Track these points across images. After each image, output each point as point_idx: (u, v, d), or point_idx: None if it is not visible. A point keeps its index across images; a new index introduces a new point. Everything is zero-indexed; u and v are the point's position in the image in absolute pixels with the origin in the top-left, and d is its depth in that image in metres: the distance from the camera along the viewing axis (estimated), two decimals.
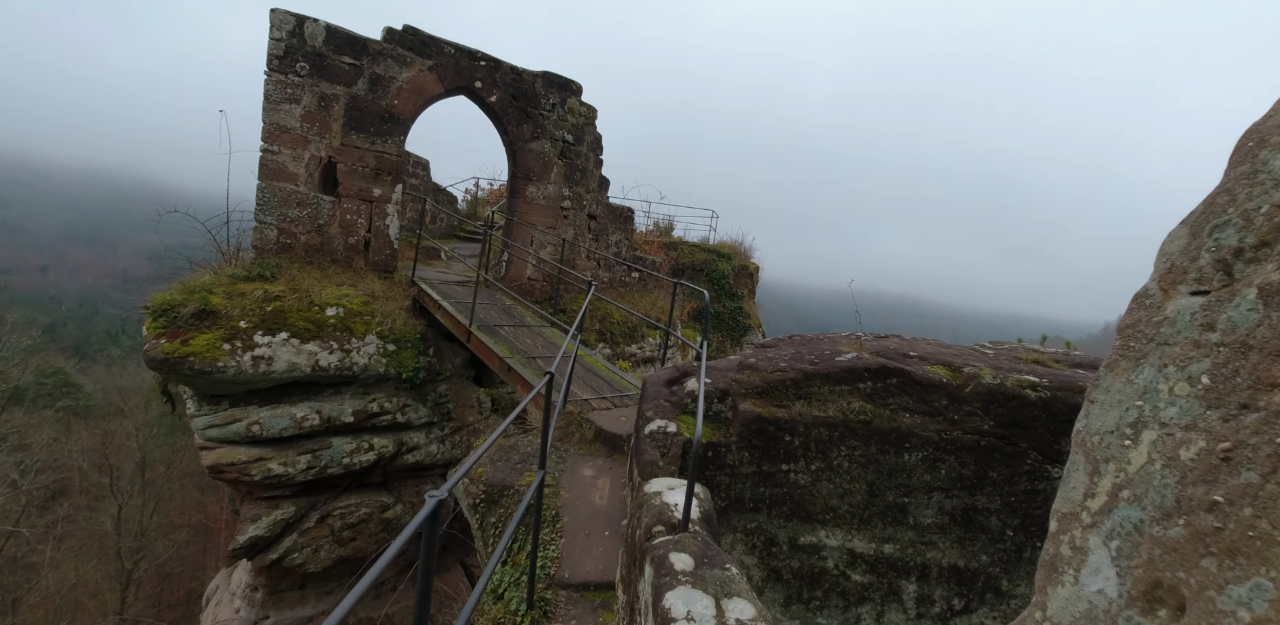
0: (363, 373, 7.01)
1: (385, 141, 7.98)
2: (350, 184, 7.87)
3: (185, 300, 6.19)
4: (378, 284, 7.86)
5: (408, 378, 7.37)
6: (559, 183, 9.22)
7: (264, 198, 7.45)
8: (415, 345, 7.53)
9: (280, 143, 7.43)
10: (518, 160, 8.84)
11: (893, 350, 4.61)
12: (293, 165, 7.53)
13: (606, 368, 6.28)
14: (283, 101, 7.37)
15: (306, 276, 7.32)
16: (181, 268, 7.65)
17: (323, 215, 7.78)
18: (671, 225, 17.23)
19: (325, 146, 7.66)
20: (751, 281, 17.02)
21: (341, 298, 7.18)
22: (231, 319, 6.33)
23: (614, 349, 9.40)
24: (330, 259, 7.86)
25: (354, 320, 7.10)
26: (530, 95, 8.76)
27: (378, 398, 7.28)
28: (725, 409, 3.96)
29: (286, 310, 6.66)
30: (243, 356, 6.15)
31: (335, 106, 7.63)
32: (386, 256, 8.26)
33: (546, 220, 9.18)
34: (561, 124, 9.09)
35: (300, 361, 6.51)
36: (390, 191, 8.14)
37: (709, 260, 15.61)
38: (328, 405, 6.89)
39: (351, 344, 6.95)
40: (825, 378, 3.99)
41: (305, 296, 6.93)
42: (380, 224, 8.14)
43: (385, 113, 7.90)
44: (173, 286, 6.45)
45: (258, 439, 6.39)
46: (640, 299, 10.43)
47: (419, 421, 7.60)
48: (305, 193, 7.64)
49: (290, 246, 7.63)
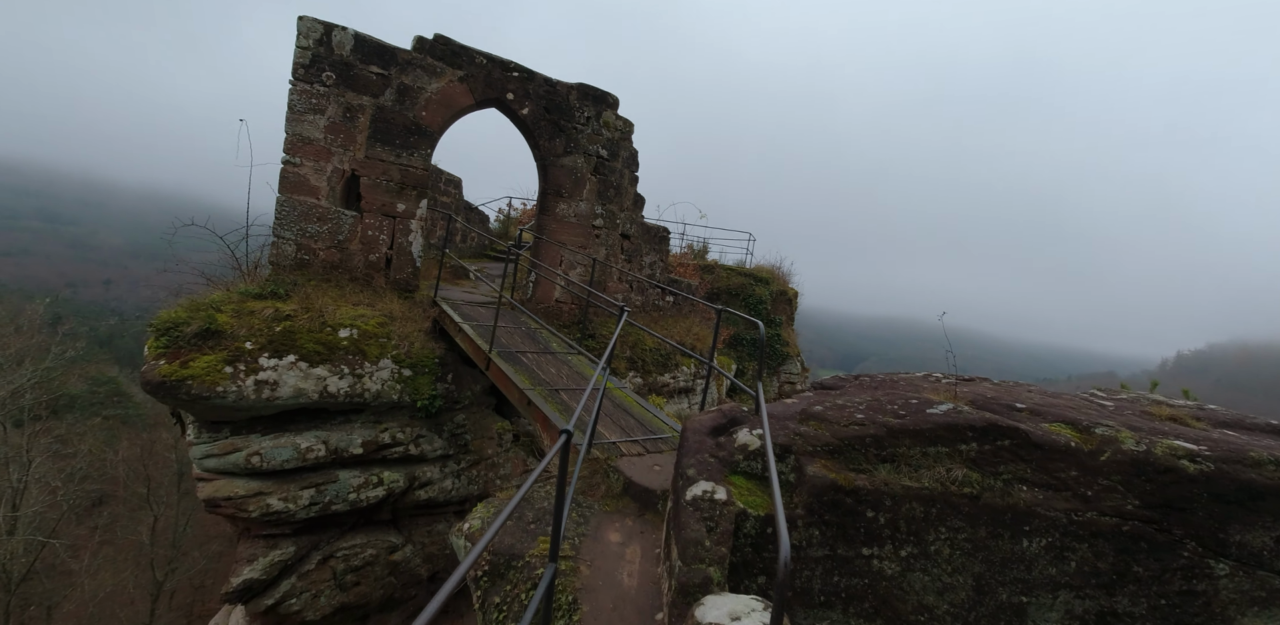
0: (375, 400, 6.45)
1: (412, 154, 7.58)
2: (373, 198, 7.47)
3: (189, 318, 5.76)
4: (397, 304, 7.37)
5: (423, 406, 6.78)
6: (591, 200, 8.69)
7: (283, 212, 7.09)
8: (433, 370, 6.97)
9: (302, 154, 7.09)
10: (549, 176, 8.35)
11: (993, 400, 3.78)
12: (314, 178, 7.18)
13: (638, 403, 5.57)
14: (307, 112, 7.05)
15: (322, 295, 6.87)
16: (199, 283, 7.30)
17: (343, 231, 7.37)
18: (706, 247, 16.59)
19: (349, 159, 7.29)
20: (790, 307, 16.16)
21: (357, 318, 6.69)
22: (237, 339, 5.87)
23: (645, 378, 8.68)
24: (349, 277, 7.42)
25: (368, 342, 6.58)
26: (564, 108, 8.31)
27: (390, 427, 6.70)
28: (787, 471, 3.20)
29: (297, 331, 6.19)
30: (245, 381, 5.65)
31: (361, 118, 7.29)
32: (408, 275, 7.79)
33: (577, 239, 8.62)
34: (596, 138, 8.59)
35: (307, 387, 5.99)
36: (414, 207, 7.71)
37: (746, 284, 14.85)
38: (336, 435, 6.34)
39: (364, 368, 6.41)
40: (917, 436, 3.21)
41: (318, 316, 6.46)
42: (403, 241, 7.70)
43: (413, 125, 7.52)
44: (180, 303, 6.05)
45: (257, 471, 5.85)
46: (674, 325, 9.74)
47: (433, 454, 6.98)
48: (326, 207, 7.25)
49: (308, 263, 7.22)
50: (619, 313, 4.09)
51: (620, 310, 4.08)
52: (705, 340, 9.98)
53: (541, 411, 4.97)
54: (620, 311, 4.07)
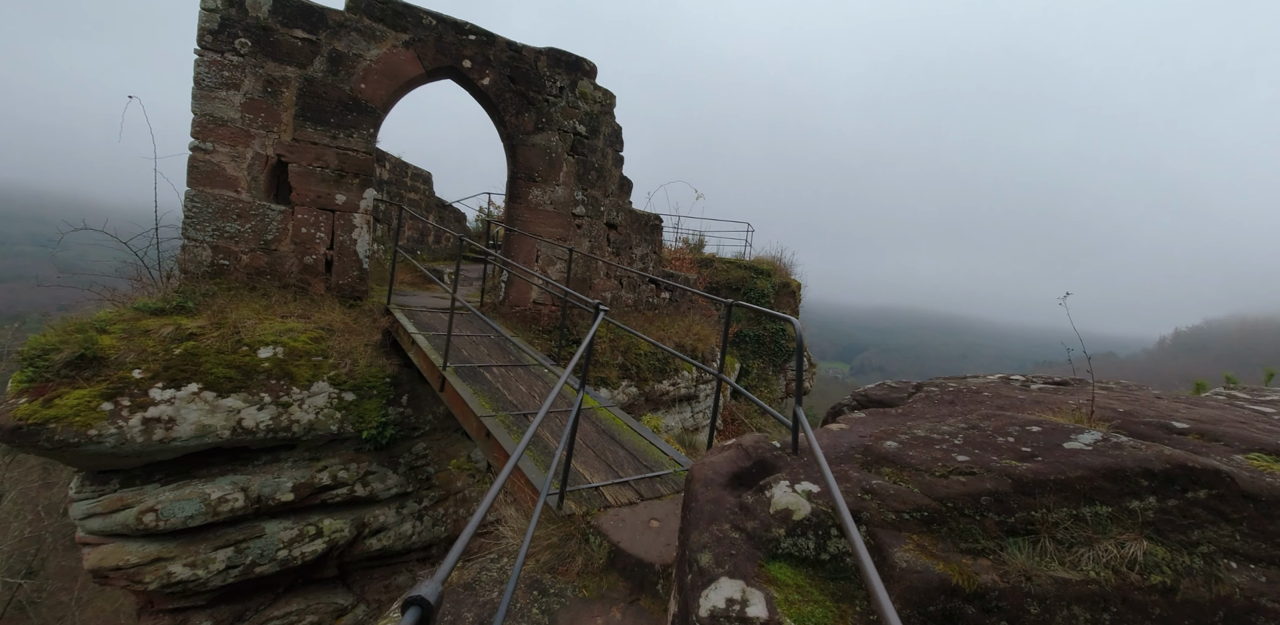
0: (307, 433, 5.25)
1: (350, 135, 6.38)
2: (306, 189, 6.27)
3: (61, 343, 4.55)
4: (339, 314, 6.17)
5: (370, 437, 5.58)
6: (569, 184, 7.49)
7: (195, 209, 5.89)
8: (382, 392, 5.77)
9: (215, 138, 5.89)
10: (518, 157, 7.16)
11: (1137, 419, 2.60)
12: (231, 167, 5.98)
13: (628, 426, 4.38)
14: (218, 87, 5.85)
15: (241, 307, 5.67)
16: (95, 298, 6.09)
17: (270, 229, 6.17)
18: (703, 240, 15.41)
19: (273, 143, 6.09)
20: (794, 300, 14.99)
21: (283, 334, 5.49)
22: (123, 367, 4.67)
23: (641, 387, 7.49)
24: (279, 284, 6.22)
25: (297, 363, 5.38)
26: (532, 77, 7.12)
27: (330, 465, 5.50)
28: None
29: (203, 352, 4.98)
30: (129, 420, 4.45)
31: (285, 92, 6.09)
32: (353, 279, 6.59)
33: (555, 230, 7.43)
34: (571, 112, 7.41)
35: (214, 423, 4.79)
36: (357, 198, 6.52)
37: (746, 278, 13.70)
38: (259, 479, 5.13)
39: (292, 395, 5.21)
40: (1062, 490, 2.04)
41: (232, 333, 5.26)
42: (345, 238, 6.50)
43: (349, 99, 6.33)
44: (52, 324, 4.84)
45: (154, 532, 4.64)
46: (672, 324, 8.56)
47: (386, 494, 5.77)
48: (248, 201, 6.05)
49: (228, 269, 6.02)
50: (594, 313, 2.91)
51: (595, 309, 2.90)
52: (707, 340, 8.80)
53: (500, 445, 3.77)
54: (595, 311, 2.89)
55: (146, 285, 5.83)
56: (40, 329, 4.95)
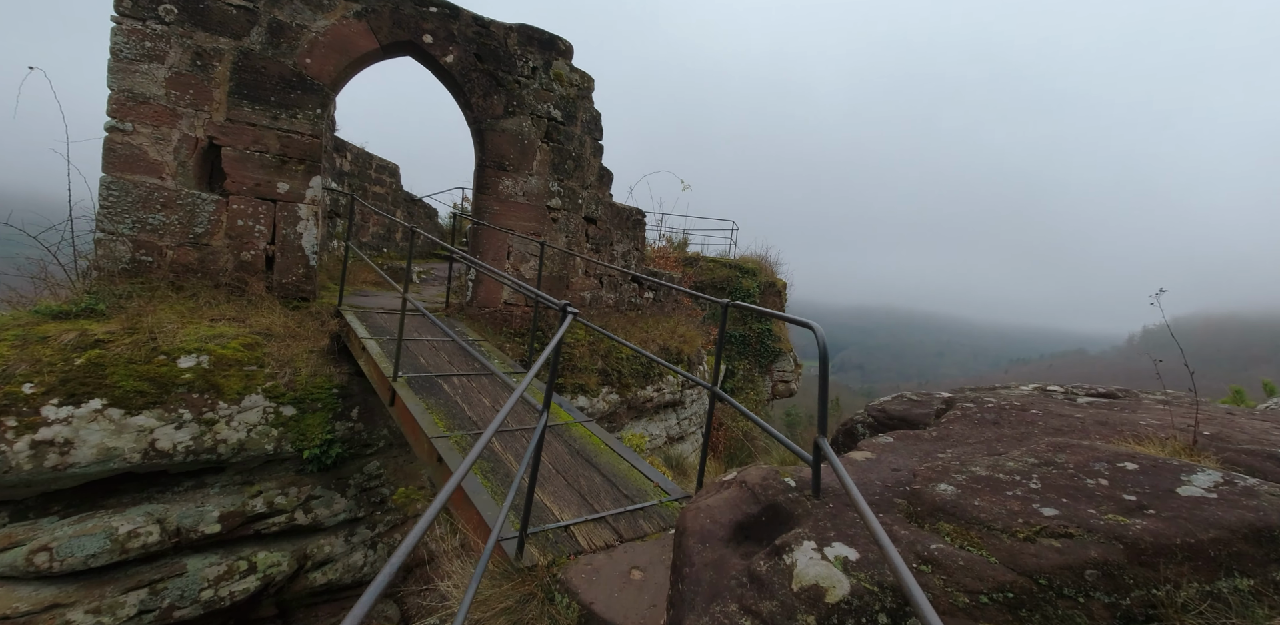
0: (235, 455, 4.57)
1: (294, 116, 5.69)
2: (242, 176, 5.57)
3: None
4: (280, 317, 5.48)
5: (313, 457, 4.91)
6: (544, 174, 6.88)
7: (112, 198, 5.16)
8: (329, 405, 5.10)
9: (136, 118, 5.17)
10: (486, 143, 6.52)
11: (1243, 448, 2.10)
12: (155, 150, 5.26)
13: (606, 446, 3.79)
14: (139, 59, 5.13)
15: (162, 309, 4.96)
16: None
17: (201, 221, 5.46)
18: (687, 238, 14.89)
19: (204, 123, 5.38)
20: (780, 299, 14.56)
21: (210, 340, 4.79)
22: (10, 381, 3.95)
23: (623, 394, 6.90)
24: (212, 283, 5.51)
25: (226, 373, 4.69)
26: (501, 56, 6.49)
27: (265, 490, 4.82)
28: None
29: (109, 363, 4.27)
30: (14, 443, 3.74)
31: (218, 66, 5.38)
32: (298, 278, 5.89)
33: (528, 224, 6.80)
34: (545, 95, 6.79)
35: (121, 445, 4.09)
36: (303, 186, 5.82)
37: (732, 277, 13.23)
38: (178, 508, 4.44)
39: (218, 410, 4.52)
40: (1190, 557, 1.51)
41: (148, 340, 4.55)
42: (289, 232, 5.80)
43: (293, 76, 5.63)
44: None
45: (49, 575, 3.93)
46: (656, 325, 7.99)
47: (333, 520, 5.11)
48: (174, 189, 5.34)
49: (150, 266, 5.30)
50: (561, 314, 2.32)
51: (562, 311, 2.31)
52: (693, 342, 8.25)
53: (450, 469, 3.16)
54: (562, 312, 2.30)
55: (54, 285, 5.08)
56: None
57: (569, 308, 2.31)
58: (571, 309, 2.28)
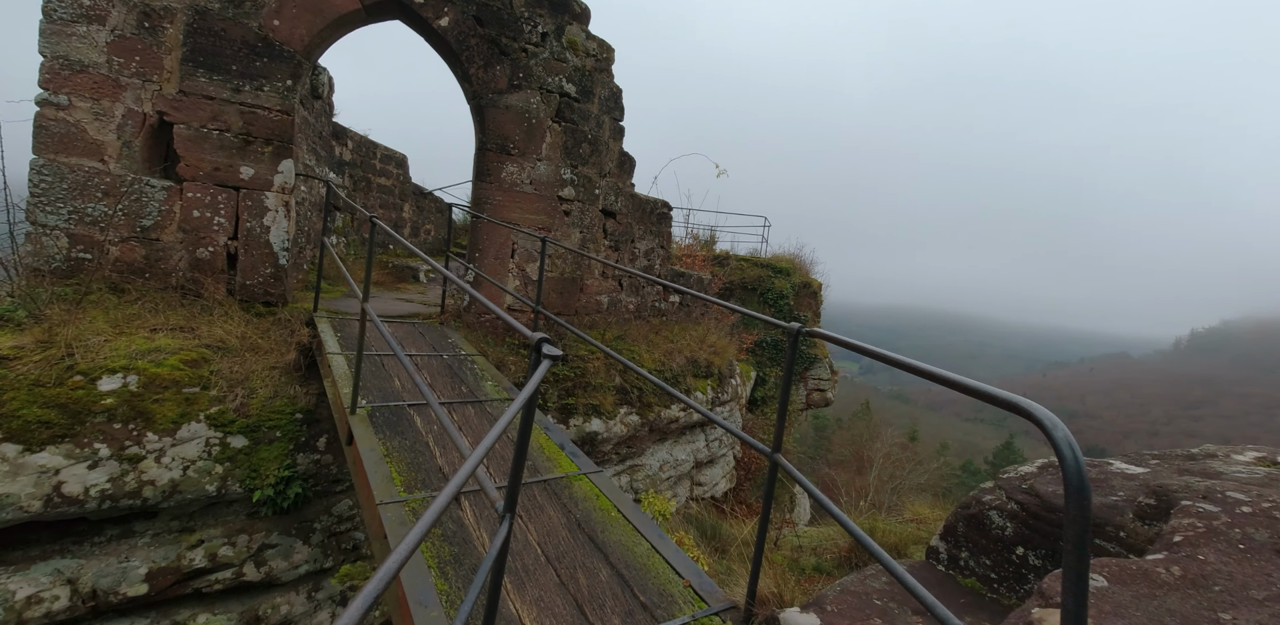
0: (167, 499, 3.70)
1: (260, 88, 4.82)
2: (198, 159, 4.72)
3: None
4: (238, 326, 4.62)
5: (265, 499, 4.03)
6: (555, 159, 5.90)
7: (45, 184, 4.35)
8: (290, 434, 4.22)
9: (73, 90, 4.34)
10: (487, 123, 5.57)
11: None
12: (95, 128, 4.43)
13: (617, 512, 2.80)
14: (75, 20, 4.30)
15: (92, 318, 4.12)
16: None
17: (150, 212, 4.62)
18: (714, 236, 13.83)
19: (152, 96, 4.54)
20: (815, 302, 13.41)
21: (143, 355, 3.94)
22: None
23: (644, 415, 5.91)
24: (162, 285, 4.68)
25: (159, 397, 3.82)
26: (505, 19, 5.53)
27: (207, 539, 3.95)
28: None
29: (8, 386, 3.44)
30: None
31: (169, 28, 4.53)
32: (265, 278, 5.03)
33: (536, 217, 5.84)
34: (557, 66, 5.81)
35: (15, 490, 3.25)
36: (271, 171, 4.95)
37: (764, 277, 12.14)
38: (96, 565, 3.59)
39: (145, 443, 3.66)
40: None
41: (64, 356, 3.71)
42: (254, 225, 4.94)
43: (258, 40, 4.76)
44: None
45: None
46: (683, 334, 6.96)
47: (292, 574, 4.22)
48: (118, 174, 4.51)
49: (88, 264, 4.48)
50: (533, 353, 1.32)
51: (535, 350, 1.32)
52: (724, 353, 7.20)
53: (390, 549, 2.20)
54: (535, 353, 1.32)
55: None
56: None
57: (545, 344, 1.33)
58: (550, 351, 1.29)
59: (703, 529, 5.30)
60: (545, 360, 1.26)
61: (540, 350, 1.31)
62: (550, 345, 1.33)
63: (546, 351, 1.28)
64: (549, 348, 1.30)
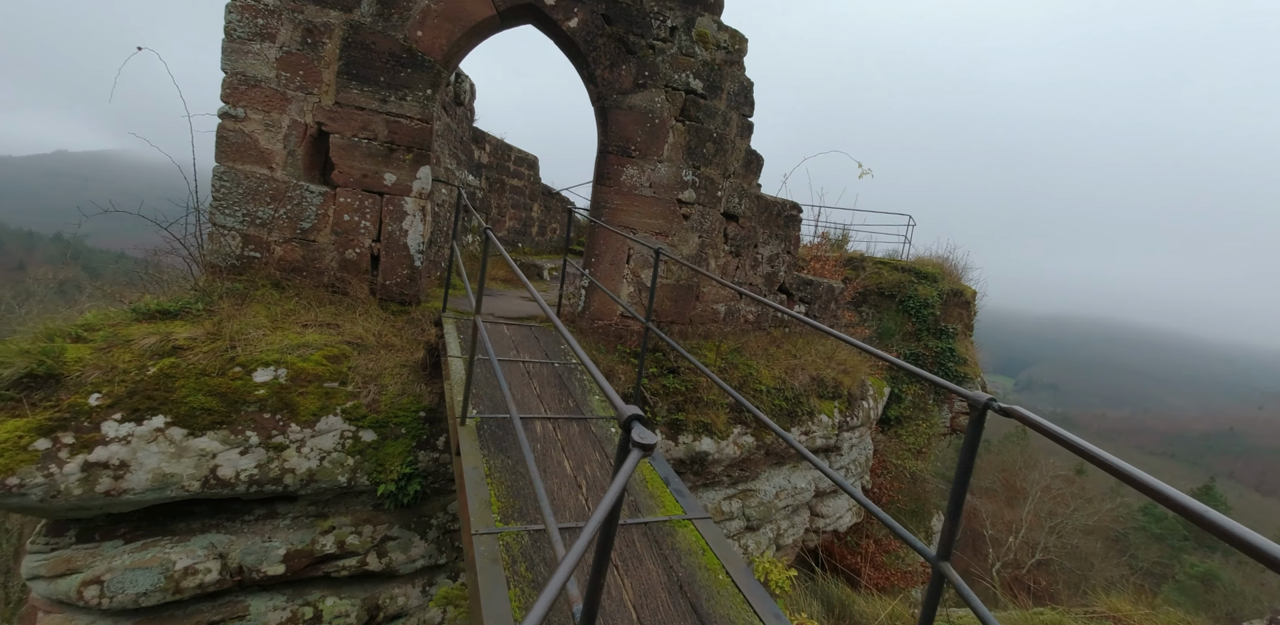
0: (304, 486, 3.97)
1: (404, 98, 5.05)
2: (349, 166, 5.05)
3: (17, 355, 3.61)
4: (376, 324, 4.89)
5: (389, 493, 4.19)
6: (676, 160, 5.61)
7: (224, 189, 4.89)
8: (413, 431, 4.37)
9: (248, 103, 4.83)
10: (609, 124, 5.42)
11: None
12: (265, 138, 4.89)
13: (724, 573, 2.44)
14: (251, 38, 4.76)
15: (256, 312, 4.55)
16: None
17: (308, 215, 5.03)
18: (846, 235, 12.79)
19: (313, 107, 4.92)
20: (967, 312, 11.88)
21: (292, 350, 4.26)
22: (80, 389, 3.65)
23: (760, 437, 5.46)
24: (315, 282, 5.08)
25: (303, 390, 4.11)
26: (634, 15, 5.32)
27: (338, 526, 4.20)
28: None
29: (180, 374, 3.86)
30: (66, 464, 3.39)
31: (328, 43, 4.87)
32: (402, 279, 5.29)
33: (653, 221, 5.60)
34: (684, 62, 5.50)
35: (179, 470, 3.63)
36: (410, 178, 5.18)
37: (904, 282, 10.95)
38: (243, 542, 3.94)
39: (289, 433, 3.95)
40: None
41: (227, 348, 4.10)
42: (394, 229, 5.21)
43: (403, 51, 4.97)
44: (27, 330, 3.97)
45: (98, 609, 3.58)
46: (807, 348, 6.38)
47: (409, 567, 4.38)
48: (283, 180, 4.95)
49: (256, 262, 4.97)
50: (623, 439, 1.02)
51: (625, 428, 1.02)
52: (855, 372, 6.49)
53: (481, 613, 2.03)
54: (624, 434, 1.01)
55: (164, 281, 4.95)
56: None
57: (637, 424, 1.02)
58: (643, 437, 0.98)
59: (828, 603, 4.68)
60: (635, 451, 0.95)
61: (630, 431, 1.00)
62: (644, 425, 1.02)
63: (638, 438, 0.97)
64: (641, 431, 0.99)
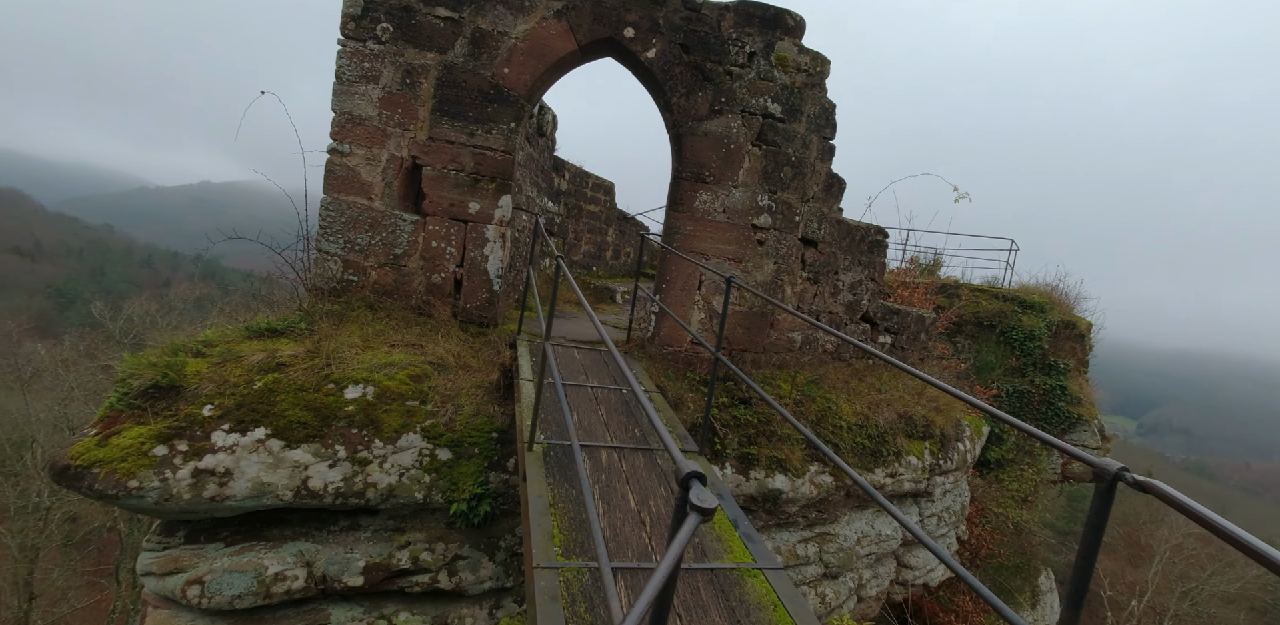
0: (384, 501, 4.13)
1: (489, 131, 5.31)
2: (439, 196, 5.35)
3: (146, 368, 4.04)
4: (456, 345, 5.08)
5: (460, 512, 4.27)
6: (751, 185, 5.52)
7: (329, 218, 5.32)
8: (485, 452, 4.46)
9: (352, 139, 5.25)
10: (684, 151, 5.43)
11: None
12: (366, 171, 5.29)
13: None
14: (357, 81, 5.21)
15: (349, 332, 4.85)
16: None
17: (401, 242, 5.36)
18: (938, 260, 12.06)
19: (409, 142, 5.28)
20: (1081, 347, 10.79)
21: (380, 369, 4.49)
22: (196, 401, 4.01)
23: (840, 477, 5.12)
24: (404, 305, 5.37)
25: (387, 408, 4.31)
26: (711, 43, 5.35)
27: (413, 542, 4.32)
28: None
29: (281, 389, 4.16)
30: (179, 470, 3.71)
31: (424, 83, 5.24)
32: (482, 303, 5.49)
33: (726, 247, 5.50)
34: (762, 86, 5.44)
35: (275, 480, 3.87)
36: (492, 206, 5.41)
37: (1006, 312, 10.09)
38: (328, 552, 4.13)
39: (373, 449, 4.14)
40: None
41: (323, 366, 4.39)
42: (476, 254, 5.44)
43: (490, 88, 5.26)
44: (156, 344, 4.45)
45: (198, 608, 3.85)
46: (894, 382, 5.97)
47: (477, 588, 4.42)
48: (380, 210, 5.32)
49: (354, 285, 5.33)
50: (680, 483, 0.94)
51: (683, 482, 0.94)
52: (949, 410, 5.99)
53: None
54: (683, 486, 0.93)
55: (275, 302, 5.40)
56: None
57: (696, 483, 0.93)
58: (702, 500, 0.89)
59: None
60: (693, 516, 0.86)
61: (688, 490, 0.92)
62: (701, 484, 0.93)
63: (697, 501, 0.88)
64: (701, 493, 0.90)
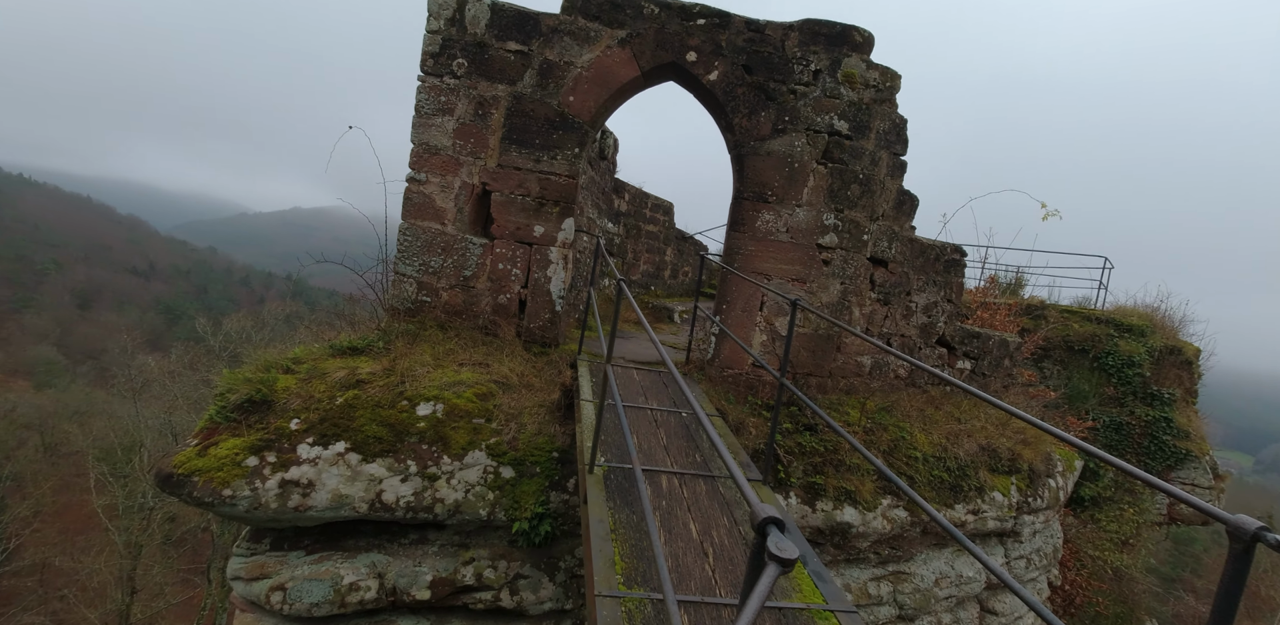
0: (450, 516, 4.24)
1: (554, 157, 5.49)
2: (506, 220, 5.56)
3: (242, 383, 4.38)
4: (519, 364, 5.20)
5: (522, 531, 4.32)
6: (816, 204, 5.40)
7: (406, 242, 5.62)
8: (546, 471, 4.51)
9: (429, 168, 5.56)
10: (746, 171, 5.40)
11: None
12: (440, 198, 5.57)
13: None
14: (434, 113, 5.52)
15: (422, 350, 5.07)
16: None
17: (470, 264, 5.59)
18: (1021, 279, 11.34)
19: (479, 170, 5.53)
20: (1189, 374, 9.79)
21: (449, 386, 4.66)
22: (285, 414, 4.29)
23: (915, 513, 4.81)
24: (473, 325, 5.57)
25: (455, 425, 4.45)
26: (775, 63, 5.33)
27: (477, 558, 4.40)
28: None
29: (360, 404, 4.38)
30: (268, 480, 3.96)
31: (495, 113, 5.49)
32: (544, 323, 5.62)
33: (789, 268, 5.39)
34: (828, 104, 5.36)
35: (352, 493, 4.06)
36: (555, 229, 5.56)
37: (1100, 335, 9.31)
38: (398, 565, 4.28)
39: (441, 465, 4.28)
40: None
41: (398, 383, 4.60)
42: (539, 276, 5.58)
43: (556, 116, 5.44)
44: (252, 360, 4.80)
45: (280, 614, 4.05)
46: (975, 411, 5.59)
47: (538, 608, 4.43)
48: (452, 234, 5.57)
49: (427, 306, 5.59)
50: (756, 528, 0.90)
51: (759, 527, 0.90)
52: (1038, 442, 5.53)
53: None
54: (759, 532, 0.89)
55: (358, 320, 5.73)
56: None
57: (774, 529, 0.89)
58: (782, 550, 0.85)
59: None
60: (772, 566, 0.82)
61: (765, 537, 0.88)
62: (780, 530, 0.88)
63: (776, 550, 0.83)
64: (779, 540, 0.85)
